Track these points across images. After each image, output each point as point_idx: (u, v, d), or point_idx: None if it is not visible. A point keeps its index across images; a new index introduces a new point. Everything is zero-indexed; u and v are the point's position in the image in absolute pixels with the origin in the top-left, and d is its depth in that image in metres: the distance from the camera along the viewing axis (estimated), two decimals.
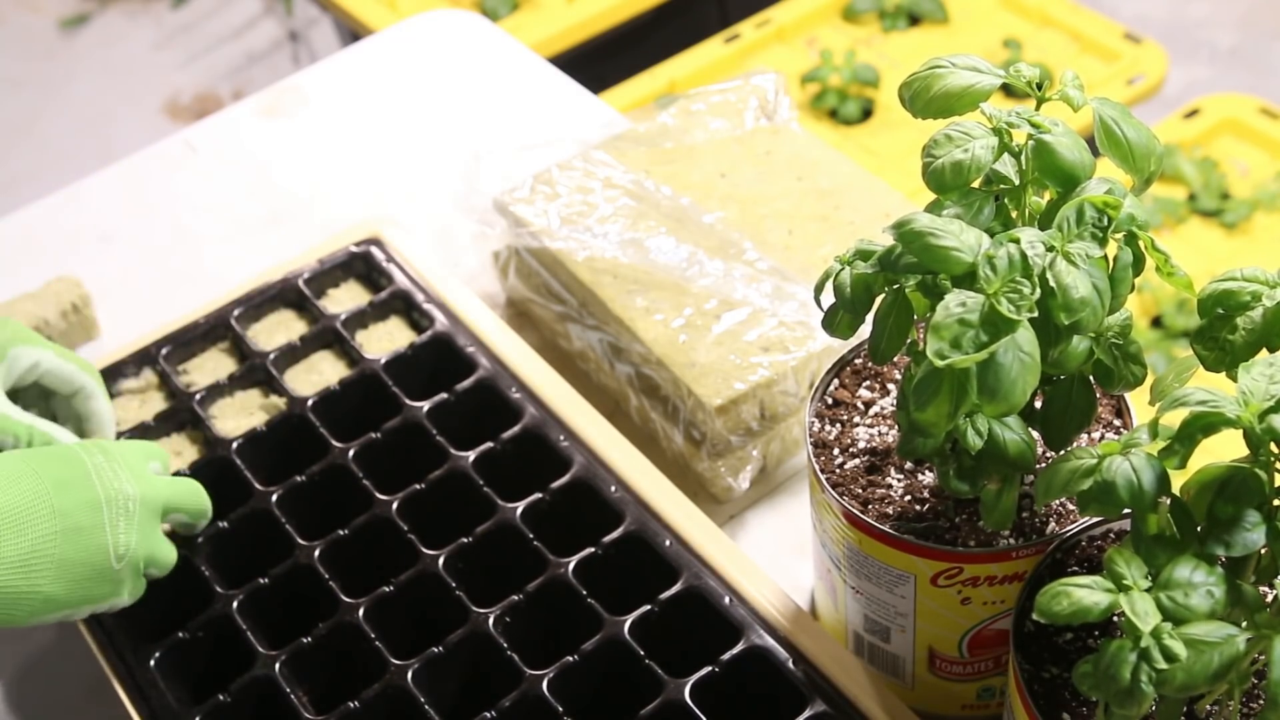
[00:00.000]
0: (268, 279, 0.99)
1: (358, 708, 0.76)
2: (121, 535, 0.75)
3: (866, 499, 0.71)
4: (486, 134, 1.25)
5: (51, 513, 0.72)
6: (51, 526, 0.72)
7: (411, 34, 1.39)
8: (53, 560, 0.71)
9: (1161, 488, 0.56)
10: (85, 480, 0.74)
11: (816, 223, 0.99)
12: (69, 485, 0.74)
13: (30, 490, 0.72)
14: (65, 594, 0.73)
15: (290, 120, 1.29)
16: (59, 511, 0.72)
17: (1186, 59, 2.66)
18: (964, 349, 0.56)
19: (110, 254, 1.18)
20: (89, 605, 0.75)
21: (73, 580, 0.73)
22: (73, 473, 0.74)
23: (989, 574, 0.68)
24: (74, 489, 0.74)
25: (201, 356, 0.96)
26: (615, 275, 0.96)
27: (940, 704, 0.78)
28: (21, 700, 0.89)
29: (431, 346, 0.94)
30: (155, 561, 0.78)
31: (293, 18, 3.12)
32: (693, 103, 1.10)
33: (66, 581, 0.72)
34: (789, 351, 0.90)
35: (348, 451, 0.88)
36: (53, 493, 0.73)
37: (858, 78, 2.03)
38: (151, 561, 0.78)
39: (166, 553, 0.79)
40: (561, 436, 0.87)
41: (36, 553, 0.71)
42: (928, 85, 0.64)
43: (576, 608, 0.79)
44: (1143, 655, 0.52)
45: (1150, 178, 0.64)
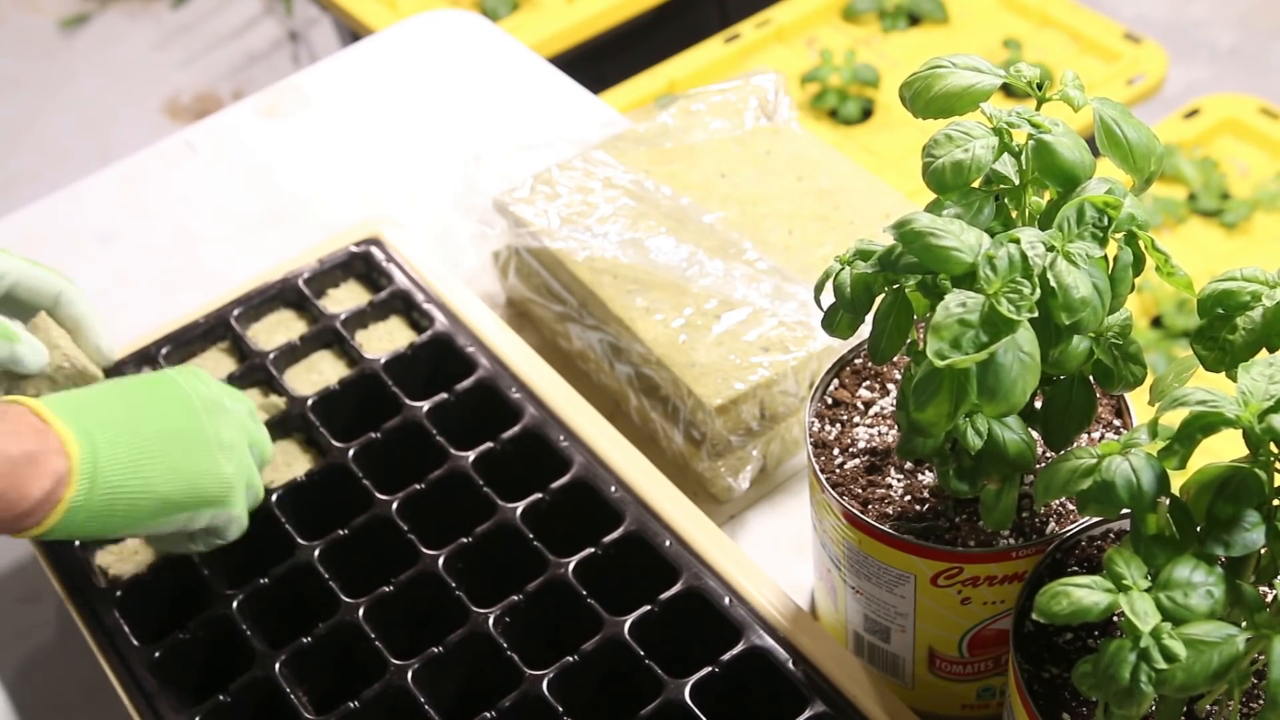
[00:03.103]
0: (268, 279, 0.99)
1: (358, 708, 0.76)
2: (224, 435, 0.77)
3: (866, 499, 0.71)
4: (486, 134, 1.25)
5: (151, 419, 0.75)
6: (152, 430, 0.74)
7: (411, 34, 1.39)
8: (160, 457, 0.74)
9: (1161, 488, 0.56)
10: (180, 393, 0.77)
11: (816, 223, 0.99)
12: (163, 397, 0.77)
13: (128, 403, 0.75)
14: (179, 493, 0.74)
15: (290, 120, 1.29)
16: (156, 416, 0.75)
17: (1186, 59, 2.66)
18: (964, 349, 0.56)
19: (110, 254, 1.18)
20: (208, 509, 0.76)
21: (185, 479, 0.75)
22: (166, 387, 0.77)
23: (989, 574, 0.68)
24: (169, 399, 0.77)
25: (201, 356, 0.96)
26: (615, 275, 0.96)
27: (940, 704, 0.78)
28: (21, 700, 0.89)
29: (431, 346, 0.94)
30: (253, 481, 0.80)
31: (293, 18, 3.12)
32: (693, 103, 1.10)
33: (179, 480, 0.74)
34: (789, 351, 0.90)
35: (348, 451, 0.88)
36: (149, 403, 0.76)
37: (858, 78, 2.03)
38: (251, 481, 0.80)
39: (258, 480, 0.81)
40: (561, 436, 0.87)
41: (144, 452, 0.73)
42: (928, 85, 0.65)
43: (576, 608, 0.79)
44: (1142, 655, 0.52)
45: (1150, 178, 0.64)
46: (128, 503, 0.72)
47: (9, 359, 0.80)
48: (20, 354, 0.80)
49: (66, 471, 0.70)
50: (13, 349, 0.80)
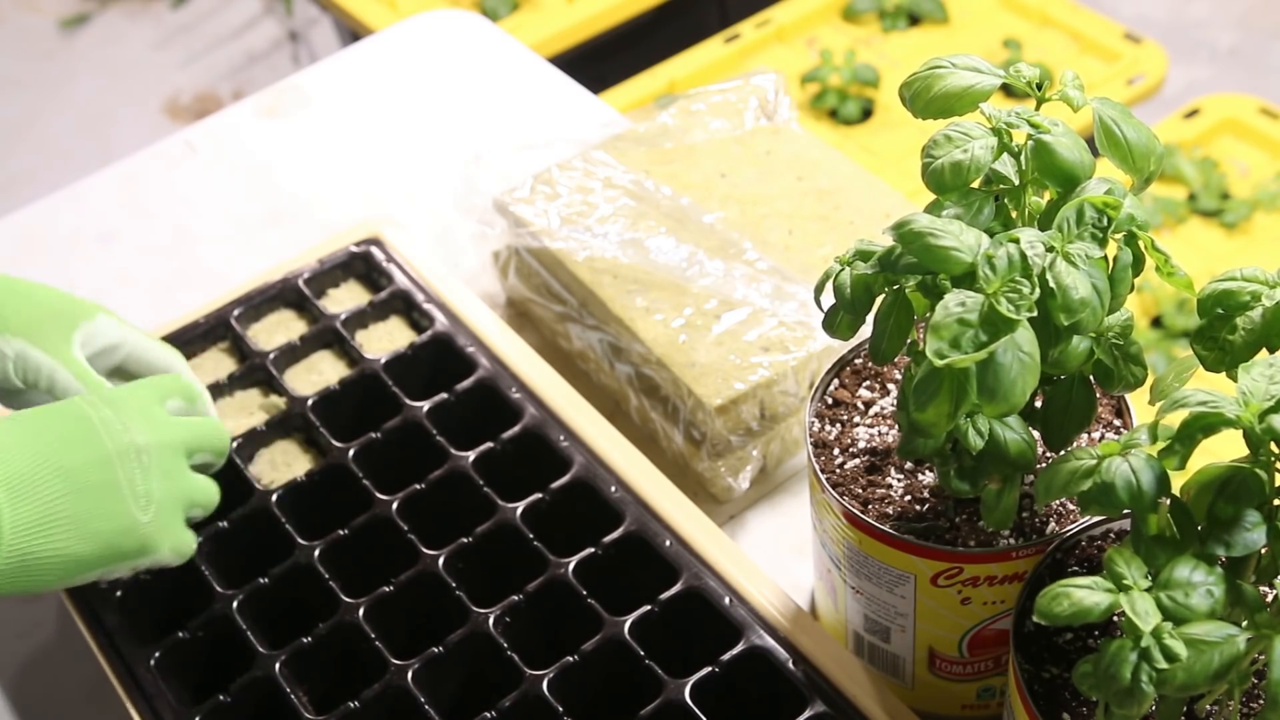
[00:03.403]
0: (268, 279, 0.99)
1: (358, 708, 0.76)
2: (139, 485, 0.73)
3: (866, 499, 0.71)
4: (486, 134, 1.25)
5: (59, 472, 0.70)
6: (62, 486, 0.69)
7: (411, 34, 1.39)
8: (69, 520, 0.69)
9: (1161, 488, 0.56)
10: (91, 436, 0.72)
11: (816, 223, 0.99)
12: (73, 443, 0.71)
13: (33, 452, 0.70)
14: (93, 552, 0.70)
15: (290, 120, 1.29)
16: (66, 470, 0.70)
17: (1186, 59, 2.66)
18: (963, 349, 0.56)
19: (110, 254, 1.18)
20: (125, 561, 0.73)
21: (97, 538, 0.70)
22: (77, 429, 0.72)
23: (989, 574, 0.68)
24: (79, 446, 0.71)
25: (201, 356, 0.96)
26: (615, 275, 0.96)
27: (940, 704, 0.78)
28: (21, 700, 0.89)
29: (431, 346, 0.94)
30: (195, 501, 0.77)
31: (293, 18, 3.12)
32: (693, 103, 1.10)
33: (90, 540, 0.70)
34: (789, 351, 0.90)
35: (348, 451, 0.88)
36: (58, 452, 0.70)
37: (858, 78, 2.03)
38: (191, 502, 0.76)
39: (204, 490, 0.77)
40: (561, 436, 0.87)
41: (51, 515, 0.69)
42: (928, 85, 0.65)
43: (576, 608, 0.79)
44: (1143, 655, 0.52)
45: (1150, 178, 0.64)
46: (38, 567, 0.68)
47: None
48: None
49: None
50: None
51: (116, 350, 0.82)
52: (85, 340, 0.80)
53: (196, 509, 0.77)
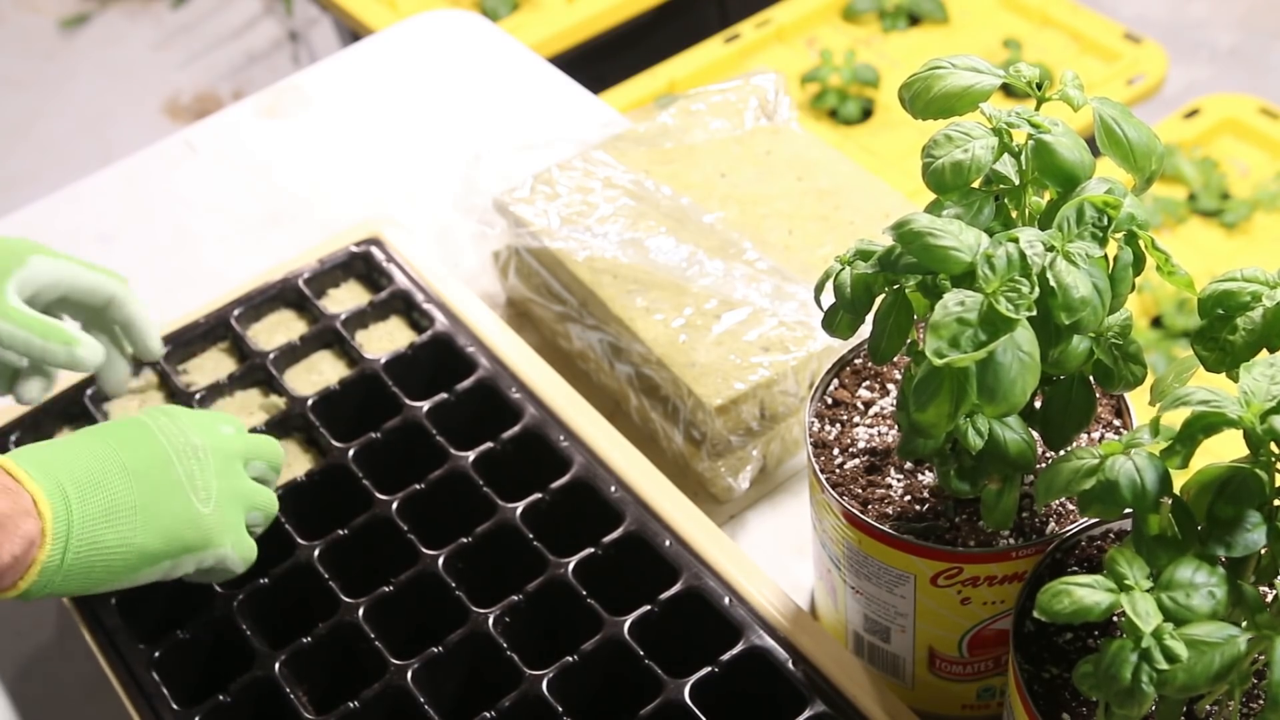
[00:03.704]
0: (268, 279, 0.99)
1: (358, 708, 0.76)
2: (198, 479, 0.75)
3: (866, 499, 0.71)
4: (486, 134, 1.25)
5: (122, 470, 0.73)
6: (124, 482, 0.72)
7: (411, 34, 1.39)
8: (135, 509, 0.72)
9: (1164, 488, 0.56)
10: (151, 439, 0.75)
11: (816, 223, 0.99)
12: (133, 444, 0.74)
13: (96, 454, 0.73)
14: (159, 544, 0.73)
15: (290, 120, 1.29)
16: (129, 469, 0.73)
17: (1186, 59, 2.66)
18: (963, 348, 0.56)
19: (110, 254, 1.18)
20: (190, 555, 0.74)
21: (162, 529, 0.73)
22: (136, 433, 0.75)
23: (989, 574, 0.68)
24: (139, 446, 0.74)
25: (201, 356, 0.96)
26: (615, 275, 0.96)
27: (940, 704, 0.78)
28: (21, 700, 0.89)
29: (431, 346, 0.94)
30: (255, 504, 0.78)
31: (293, 18, 3.12)
32: (693, 103, 1.10)
33: (156, 531, 0.73)
34: (789, 351, 0.90)
35: (348, 451, 0.88)
36: (119, 452, 0.73)
37: (858, 78, 2.03)
38: (251, 504, 0.78)
39: (264, 494, 0.79)
40: (561, 436, 0.87)
41: (117, 505, 0.71)
42: (928, 86, 0.65)
43: (576, 608, 0.79)
44: (1144, 655, 0.52)
45: (1151, 177, 0.64)
46: (105, 559, 0.71)
47: (68, 361, 0.81)
48: (80, 356, 0.81)
49: (38, 533, 0.68)
50: (71, 351, 0.81)
51: (56, 286, 0.83)
52: (21, 285, 0.81)
53: (256, 512, 0.79)
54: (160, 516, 0.73)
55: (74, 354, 0.81)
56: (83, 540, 0.70)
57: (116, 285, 0.86)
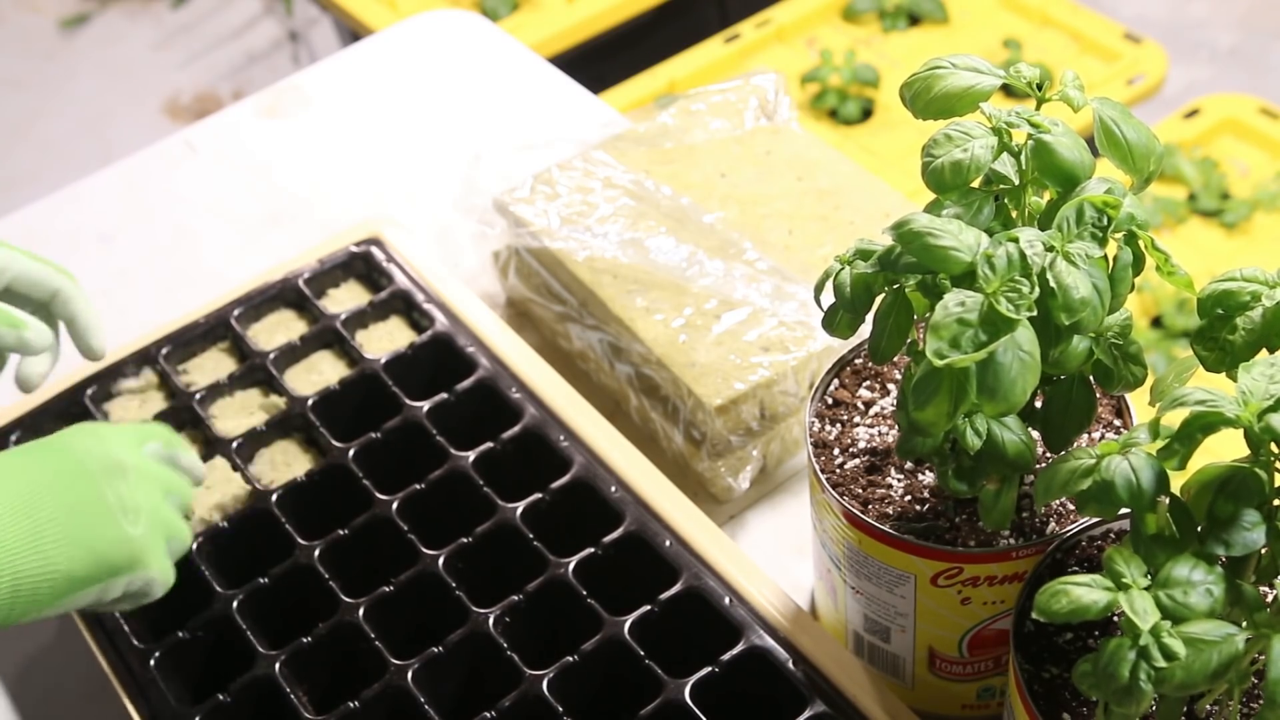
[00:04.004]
0: (268, 279, 0.99)
1: (358, 708, 0.76)
2: (127, 500, 0.73)
3: (866, 499, 0.71)
4: (486, 134, 1.25)
5: (48, 490, 0.70)
6: (51, 506, 0.70)
7: (411, 34, 1.39)
8: (62, 537, 0.69)
9: (1160, 487, 0.56)
10: (76, 460, 0.73)
11: (816, 223, 0.99)
12: (60, 467, 0.72)
13: (21, 478, 0.70)
14: (85, 569, 0.70)
15: (290, 120, 1.29)
16: (54, 490, 0.71)
17: (1186, 59, 2.66)
18: (963, 348, 0.56)
19: (110, 254, 1.18)
20: (119, 578, 0.72)
21: (89, 552, 0.70)
22: (62, 457, 0.73)
23: (989, 574, 0.68)
24: (65, 470, 0.72)
25: (201, 356, 0.96)
26: (615, 275, 0.96)
27: (940, 704, 0.78)
28: (21, 700, 0.89)
29: (431, 346, 0.94)
30: (174, 532, 0.76)
31: (293, 18, 3.12)
32: (693, 103, 1.10)
33: (82, 555, 0.70)
34: (789, 351, 0.90)
35: (348, 451, 0.88)
36: (44, 476, 0.71)
37: (858, 78, 2.03)
38: (170, 532, 0.76)
39: (181, 527, 0.77)
40: (561, 436, 0.87)
41: (42, 533, 0.69)
42: (928, 86, 0.65)
43: (576, 608, 0.79)
44: (1142, 654, 0.52)
45: (1150, 177, 0.64)
46: (30, 587, 0.68)
47: (17, 344, 0.80)
48: (28, 339, 0.80)
49: None
50: (20, 335, 0.79)
51: (2, 274, 0.81)
52: None
53: (176, 542, 0.76)
54: (87, 539, 0.70)
55: (22, 337, 0.79)
56: (6, 570, 0.67)
57: (63, 280, 0.84)
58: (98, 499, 0.72)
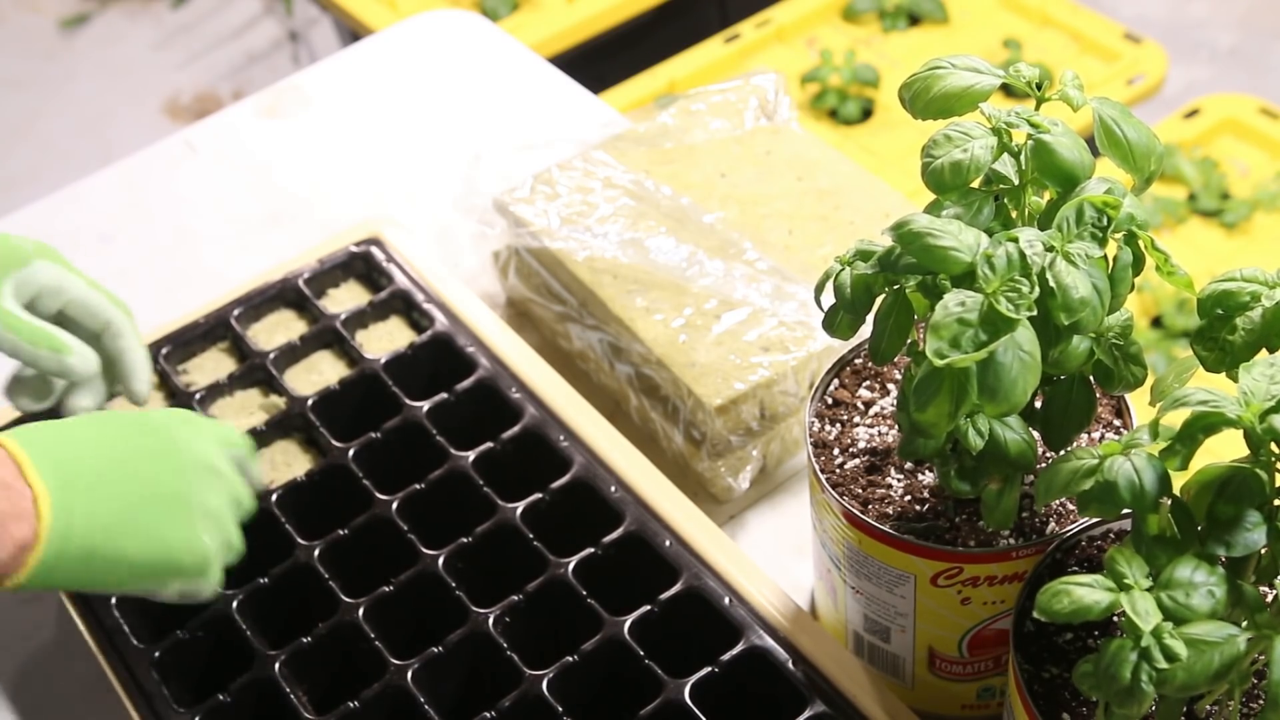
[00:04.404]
0: (268, 279, 0.99)
1: (358, 708, 0.76)
2: (209, 500, 0.73)
3: (866, 499, 0.71)
4: (486, 134, 1.25)
5: (136, 479, 0.70)
6: (139, 492, 0.70)
7: (411, 34, 1.39)
8: (141, 527, 0.69)
9: (1163, 488, 0.56)
10: (172, 451, 0.72)
11: (816, 223, 0.99)
12: (154, 454, 0.72)
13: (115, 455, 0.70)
14: (154, 565, 0.70)
15: (290, 120, 1.29)
16: (143, 479, 0.70)
17: (1186, 59, 2.66)
18: (963, 348, 0.56)
19: (110, 254, 1.18)
20: (181, 578, 0.72)
21: (163, 549, 0.70)
22: (160, 442, 0.72)
23: (989, 574, 0.68)
24: (161, 458, 0.72)
25: (201, 356, 0.96)
26: (615, 275, 0.96)
27: (940, 704, 0.78)
28: (21, 700, 0.89)
29: (431, 346, 0.94)
30: (233, 543, 0.76)
31: (293, 18, 3.12)
32: (693, 103, 1.10)
33: (156, 550, 0.70)
34: (789, 351, 0.90)
35: (348, 451, 0.88)
36: (136, 458, 0.71)
37: (858, 78, 2.03)
38: (230, 543, 0.76)
39: (238, 540, 0.76)
40: (561, 436, 0.87)
41: (125, 519, 0.69)
42: (928, 86, 0.65)
43: (576, 608, 0.79)
44: (1143, 654, 0.52)
45: (1150, 177, 0.64)
46: (99, 570, 0.68)
47: (59, 369, 0.79)
48: (71, 364, 0.79)
49: (32, 537, 0.65)
50: (61, 360, 0.79)
51: (57, 295, 0.81)
52: (19, 286, 0.80)
53: (232, 553, 0.76)
54: (164, 537, 0.70)
55: (64, 362, 0.79)
56: (79, 548, 0.67)
57: (117, 313, 0.83)
58: (185, 499, 0.72)
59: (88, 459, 0.69)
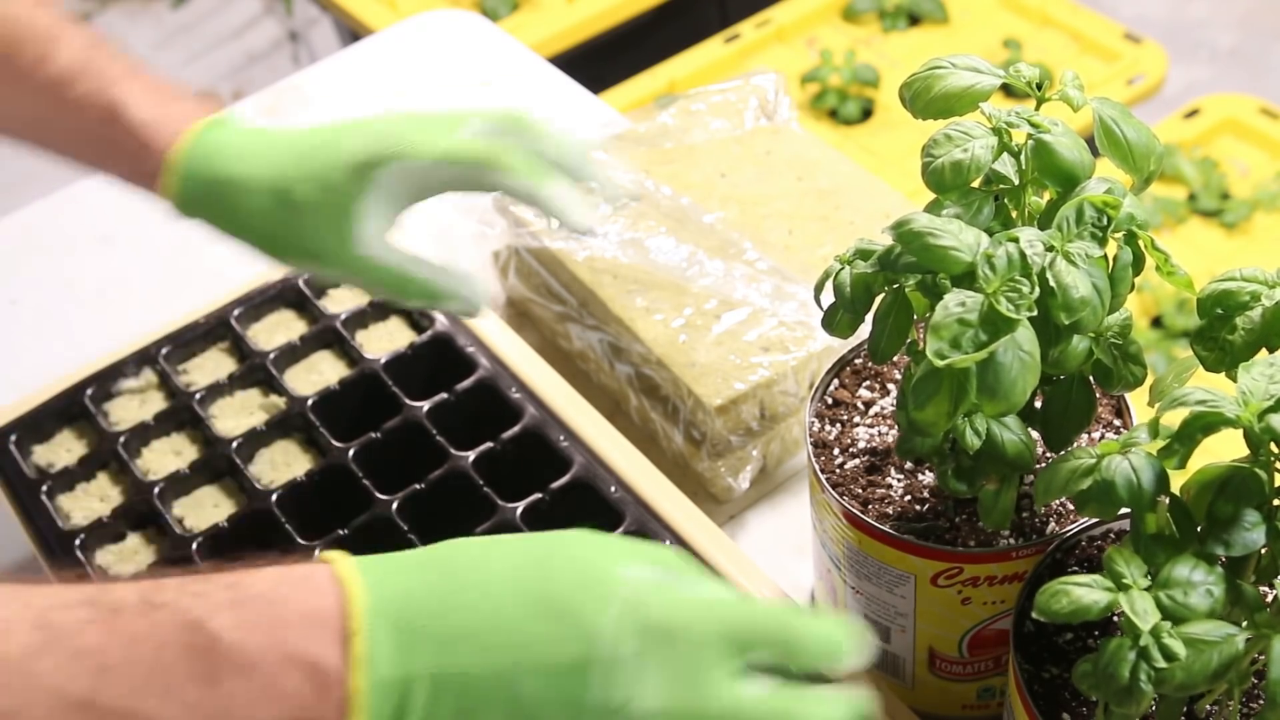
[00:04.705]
0: (268, 279, 0.99)
1: None
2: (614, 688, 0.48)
3: (866, 499, 0.71)
4: None
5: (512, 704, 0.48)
6: (516, 687, 0.48)
7: (411, 34, 1.39)
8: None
9: (1160, 487, 0.56)
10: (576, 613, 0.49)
11: (816, 223, 0.99)
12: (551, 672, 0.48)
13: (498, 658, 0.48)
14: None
15: (291, 120, 1.29)
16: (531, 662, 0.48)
17: (1186, 59, 2.66)
18: (964, 349, 0.56)
19: (110, 254, 1.18)
20: None
21: None
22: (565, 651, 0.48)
23: (989, 574, 0.68)
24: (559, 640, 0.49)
25: (201, 356, 0.96)
26: (615, 275, 0.96)
27: (940, 704, 0.78)
28: None
29: (431, 346, 0.94)
30: None
31: (293, 18, 3.12)
32: (693, 103, 1.10)
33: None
34: (789, 351, 0.90)
35: (348, 451, 0.88)
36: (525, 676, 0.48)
37: (858, 78, 2.03)
38: None
39: None
40: (561, 436, 0.87)
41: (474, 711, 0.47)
42: (928, 86, 0.65)
43: None
44: (1142, 654, 0.52)
45: (1150, 177, 0.64)
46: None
47: (463, 309, 0.71)
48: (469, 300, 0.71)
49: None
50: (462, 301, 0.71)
51: (424, 190, 0.70)
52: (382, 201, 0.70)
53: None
54: None
55: (467, 302, 0.70)
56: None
57: (485, 153, 0.69)
58: (578, 695, 0.48)
59: (449, 628, 0.48)
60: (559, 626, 0.48)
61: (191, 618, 0.46)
